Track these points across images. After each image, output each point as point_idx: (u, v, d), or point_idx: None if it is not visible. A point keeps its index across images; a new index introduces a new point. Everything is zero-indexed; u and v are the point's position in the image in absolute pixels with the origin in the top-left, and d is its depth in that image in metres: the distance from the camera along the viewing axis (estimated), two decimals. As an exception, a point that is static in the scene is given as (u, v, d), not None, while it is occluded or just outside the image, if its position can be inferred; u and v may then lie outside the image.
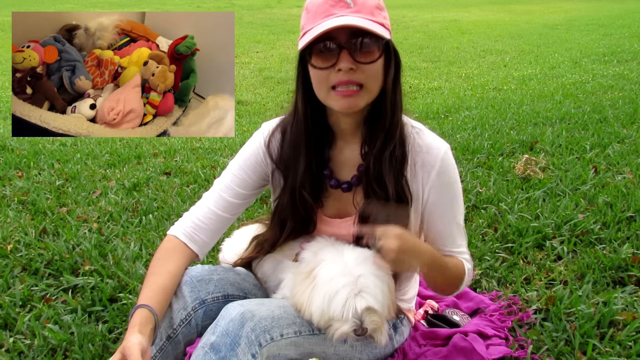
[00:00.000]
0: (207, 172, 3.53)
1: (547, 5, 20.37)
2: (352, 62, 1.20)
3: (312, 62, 1.24)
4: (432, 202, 1.36)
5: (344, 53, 1.20)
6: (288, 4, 21.65)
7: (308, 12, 1.25)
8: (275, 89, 7.96)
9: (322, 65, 1.22)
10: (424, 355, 1.54)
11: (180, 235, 1.39)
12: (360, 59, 1.20)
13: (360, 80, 1.22)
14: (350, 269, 1.26)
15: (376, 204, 1.31)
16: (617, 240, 2.23)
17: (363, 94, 1.24)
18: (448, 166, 1.35)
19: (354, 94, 1.23)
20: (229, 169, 1.45)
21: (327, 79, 1.23)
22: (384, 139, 1.30)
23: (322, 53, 1.22)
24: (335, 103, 1.25)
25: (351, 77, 1.21)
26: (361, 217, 1.35)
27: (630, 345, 1.60)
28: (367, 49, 1.20)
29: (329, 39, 1.20)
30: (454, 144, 3.82)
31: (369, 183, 1.33)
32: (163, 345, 1.30)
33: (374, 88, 1.26)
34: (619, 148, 3.49)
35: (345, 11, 1.20)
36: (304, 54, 1.26)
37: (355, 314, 1.24)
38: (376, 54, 1.22)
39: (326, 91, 1.25)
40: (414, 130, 1.35)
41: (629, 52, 8.76)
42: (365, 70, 1.22)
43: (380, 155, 1.31)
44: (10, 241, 2.48)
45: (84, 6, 21.05)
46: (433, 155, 1.33)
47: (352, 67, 1.20)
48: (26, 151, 4.09)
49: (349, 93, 1.22)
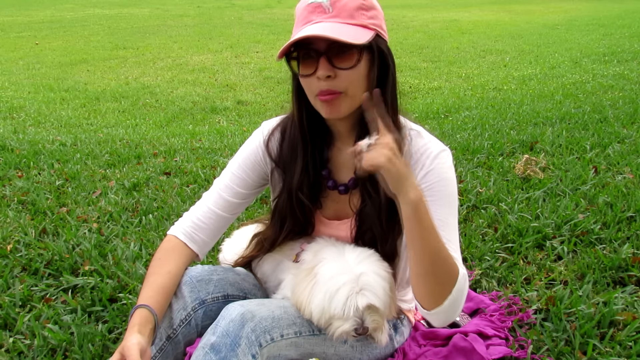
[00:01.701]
0: (207, 172, 3.53)
1: (547, 5, 20.38)
2: (329, 69, 1.18)
3: (296, 70, 1.24)
4: None
5: (322, 60, 1.18)
6: (288, 4, 21.67)
7: (295, 17, 1.25)
8: (275, 89, 7.97)
9: (304, 72, 1.22)
10: (424, 355, 1.54)
11: (180, 235, 1.39)
12: (338, 65, 1.19)
13: (340, 88, 1.20)
14: (351, 267, 1.26)
15: None
16: (618, 240, 2.23)
17: (344, 100, 1.23)
18: (439, 164, 1.29)
19: (334, 99, 1.22)
20: (229, 168, 1.45)
21: (311, 86, 1.23)
22: None
23: (304, 61, 1.21)
24: (321, 109, 1.26)
25: (330, 86, 1.20)
26: (358, 219, 1.35)
27: (630, 345, 1.60)
28: (344, 55, 1.18)
29: (307, 47, 1.19)
30: (454, 144, 3.82)
31: (364, 186, 1.32)
32: (163, 345, 1.30)
33: (357, 93, 1.24)
34: (619, 148, 3.49)
35: (322, 17, 1.19)
36: (290, 64, 1.25)
37: (357, 312, 1.24)
38: (354, 58, 1.19)
39: (313, 98, 1.26)
40: (412, 133, 1.33)
41: (629, 52, 8.76)
42: (344, 76, 1.20)
43: None
44: (10, 241, 2.48)
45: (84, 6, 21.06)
46: (427, 157, 1.30)
47: (329, 75, 1.18)
48: (26, 151, 4.08)
49: (329, 99, 1.21)
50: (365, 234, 1.34)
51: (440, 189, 1.29)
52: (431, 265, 1.18)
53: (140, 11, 19.76)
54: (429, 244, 1.16)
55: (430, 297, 1.21)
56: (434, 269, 1.18)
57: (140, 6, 21.35)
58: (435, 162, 1.29)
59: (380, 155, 1.08)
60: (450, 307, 1.20)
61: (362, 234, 1.36)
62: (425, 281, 1.20)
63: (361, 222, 1.35)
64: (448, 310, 1.20)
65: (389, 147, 1.09)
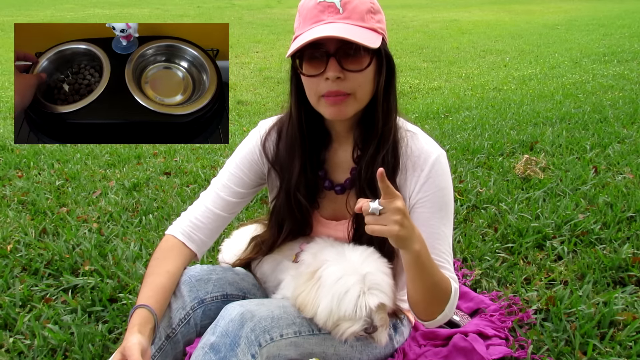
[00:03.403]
0: (207, 172, 3.53)
1: (547, 5, 20.36)
2: (339, 71, 1.18)
3: (301, 70, 1.23)
4: (419, 207, 1.32)
5: (331, 61, 1.18)
6: (288, 4, 21.65)
7: (300, 15, 1.24)
8: (275, 89, 7.96)
9: (311, 72, 1.21)
10: (424, 356, 1.54)
11: (179, 235, 1.39)
12: (348, 67, 1.19)
13: (348, 90, 1.20)
14: (356, 267, 1.25)
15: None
16: (618, 241, 2.23)
17: (352, 102, 1.23)
18: (438, 172, 1.30)
19: (342, 101, 1.21)
20: (226, 168, 1.45)
21: (316, 87, 1.22)
22: (376, 144, 1.29)
23: (310, 61, 1.21)
24: (324, 110, 1.25)
25: (339, 87, 1.19)
26: (356, 221, 1.35)
27: (630, 345, 1.60)
28: (355, 57, 1.18)
29: (317, 47, 1.18)
30: (454, 144, 3.82)
31: (361, 187, 1.32)
32: (162, 344, 1.30)
33: (364, 96, 1.24)
34: (619, 148, 3.49)
35: (334, 17, 1.18)
36: (294, 61, 1.25)
37: (368, 312, 1.24)
38: (365, 62, 1.20)
39: (316, 99, 1.25)
40: (408, 134, 1.33)
41: (629, 52, 8.76)
42: (353, 78, 1.20)
43: (373, 160, 1.29)
44: (10, 241, 2.48)
45: (84, 6, 21.05)
46: (423, 159, 1.30)
47: (339, 76, 1.18)
48: (26, 151, 4.08)
49: (337, 101, 1.21)
50: (363, 236, 1.33)
51: (437, 200, 1.31)
52: (428, 293, 1.28)
53: (140, 11, 19.74)
54: (428, 280, 1.24)
55: (425, 313, 1.33)
56: (431, 296, 1.28)
57: (140, 6, 21.33)
58: (434, 170, 1.30)
59: (393, 224, 1.09)
60: (443, 318, 1.32)
61: (359, 236, 1.35)
62: (422, 304, 1.31)
63: (358, 224, 1.35)
64: (440, 320, 1.33)
65: (400, 212, 1.10)
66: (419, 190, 1.31)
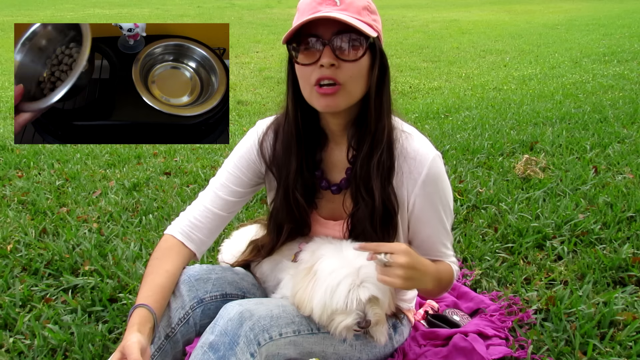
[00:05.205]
0: (207, 172, 3.53)
1: (547, 5, 20.36)
2: (333, 59, 1.19)
3: (297, 59, 1.24)
4: (419, 210, 1.34)
5: (326, 49, 1.19)
6: (288, 4, 21.65)
7: (298, 11, 1.25)
8: (275, 89, 7.95)
9: (306, 61, 1.22)
10: (424, 355, 1.54)
11: (177, 235, 1.39)
12: (342, 56, 1.19)
13: (340, 79, 1.21)
14: (350, 260, 1.26)
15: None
16: (618, 241, 2.23)
17: (343, 94, 1.23)
18: (435, 174, 1.31)
19: (333, 92, 1.21)
20: (225, 167, 1.45)
21: (310, 76, 1.22)
22: (370, 143, 1.29)
23: (306, 50, 1.21)
24: (316, 102, 1.25)
25: (332, 74, 1.20)
26: (351, 221, 1.35)
27: (630, 345, 1.60)
28: (350, 46, 1.19)
29: (313, 35, 1.19)
30: (454, 144, 3.82)
31: (357, 188, 1.32)
32: (162, 344, 1.30)
33: (355, 89, 1.24)
34: (619, 148, 3.49)
35: (332, 8, 1.19)
36: (290, 52, 1.25)
37: (359, 305, 1.24)
38: (359, 51, 1.20)
39: (309, 89, 1.24)
40: (403, 135, 1.33)
41: (629, 52, 8.75)
42: (346, 68, 1.20)
43: (368, 160, 1.29)
44: (10, 241, 2.48)
45: (84, 6, 21.05)
46: (419, 162, 1.31)
47: (333, 63, 1.19)
48: (26, 151, 4.08)
49: (328, 91, 1.21)
50: (358, 238, 1.34)
51: (438, 200, 1.34)
52: (436, 289, 1.37)
53: (140, 11, 19.74)
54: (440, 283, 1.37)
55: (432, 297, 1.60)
56: (438, 289, 1.41)
57: (140, 6, 21.33)
58: (431, 172, 1.31)
59: (397, 278, 1.18)
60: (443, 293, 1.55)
61: (355, 237, 1.36)
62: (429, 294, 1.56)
63: (354, 225, 1.35)
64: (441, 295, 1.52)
65: (403, 268, 1.18)
66: (418, 193, 1.32)
